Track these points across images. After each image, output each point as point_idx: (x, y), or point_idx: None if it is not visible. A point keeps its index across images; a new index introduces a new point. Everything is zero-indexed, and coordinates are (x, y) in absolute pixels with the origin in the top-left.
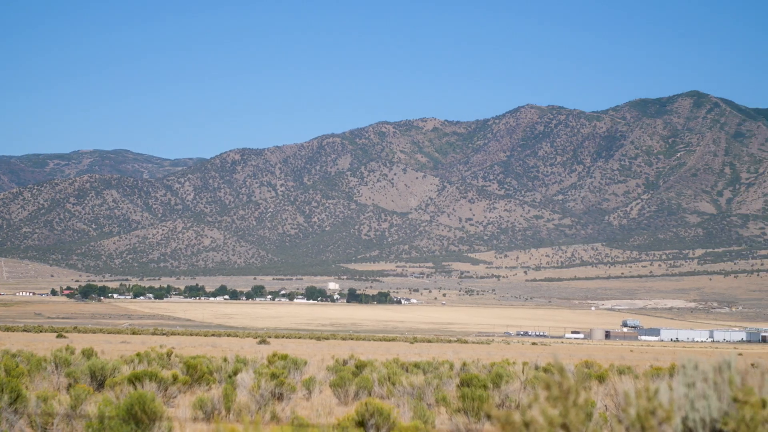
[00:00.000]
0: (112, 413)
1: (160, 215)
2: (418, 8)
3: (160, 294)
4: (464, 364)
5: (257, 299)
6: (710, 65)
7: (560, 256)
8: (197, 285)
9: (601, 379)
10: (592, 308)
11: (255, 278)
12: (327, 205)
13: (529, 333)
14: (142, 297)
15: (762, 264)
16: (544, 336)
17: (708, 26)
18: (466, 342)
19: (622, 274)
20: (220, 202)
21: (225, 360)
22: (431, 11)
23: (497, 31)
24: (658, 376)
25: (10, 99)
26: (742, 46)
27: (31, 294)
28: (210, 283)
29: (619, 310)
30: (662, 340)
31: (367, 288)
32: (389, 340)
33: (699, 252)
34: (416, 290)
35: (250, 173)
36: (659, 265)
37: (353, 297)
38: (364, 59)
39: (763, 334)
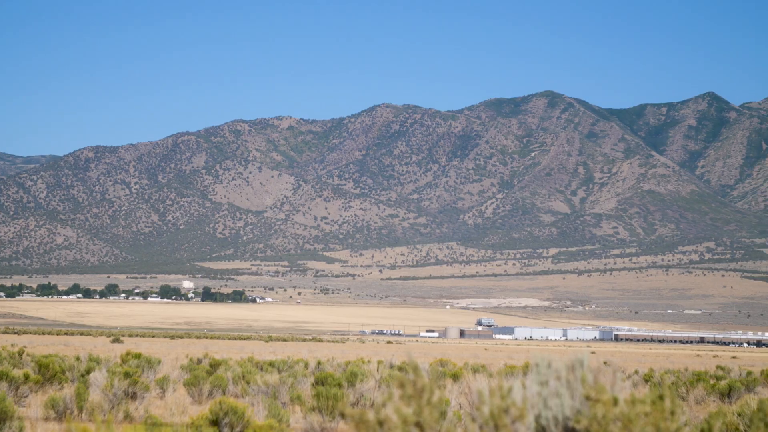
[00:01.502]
0: None
1: (12, 213)
2: (275, 7)
3: (12, 292)
4: (319, 363)
5: (111, 298)
6: (564, 66)
7: (415, 255)
8: (50, 283)
9: (455, 377)
10: (447, 307)
11: (109, 277)
12: (182, 203)
13: (384, 332)
14: None
15: (615, 263)
16: (399, 335)
17: (562, 26)
18: (321, 341)
19: (477, 273)
20: (74, 200)
21: (78, 359)
22: (287, 9)
23: (353, 30)
24: (512, 375)
25: None
26: (595, 46)
27: None
28: (63, 282)
29: (474, 308)
30: (516, 339)
31: (222, 287)
32: (244, 339)
33: (553, 251)
34: (271, 289)
35: (104, 171)
36: (514, 264)
37: (208, 296)
38: (220, 57)
39: (616, 332)
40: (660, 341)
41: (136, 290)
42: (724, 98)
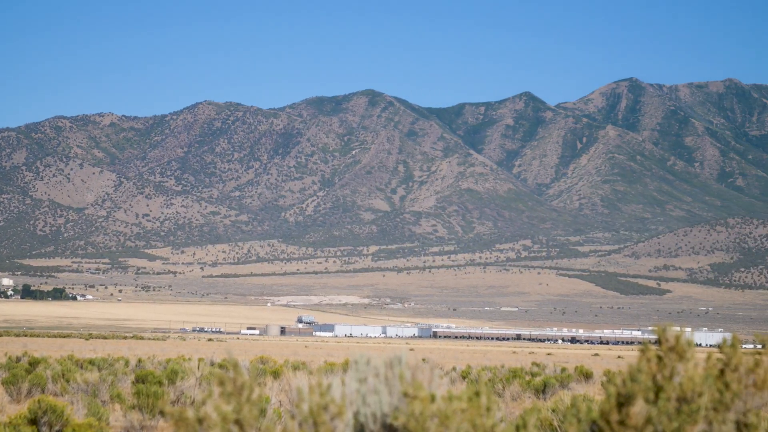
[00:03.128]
0: None
1: None
2: (96, 3)
3: None
4: (140, 361)
5: None
6: (385, 65)
7: (237, 253)
8: None
9: (276, 374)
10: (269, 304)
11: None
12: (1, 200)
13: (206, 329)
14: None
15: (434, 261)
16: (220, 332)
17: (382, 25)
18: (142, 338)
19: (298, 270)
20: None
21: None
22: (105, 4)
23: (172, 27)
24: (331, 372)
25: None
26: (415, 45)
27: None
28: None
29: (294, 306)
30: (337, 336)
31: (42, 284)
32: (64, 337)
33: (373, 249)
34: (92, 286)
35: None
36: (334, 262)
37: (28, 293)
38: (39, 52)
39: (434, 329)
40: (477, 338)
41: None
42: (540, 98)
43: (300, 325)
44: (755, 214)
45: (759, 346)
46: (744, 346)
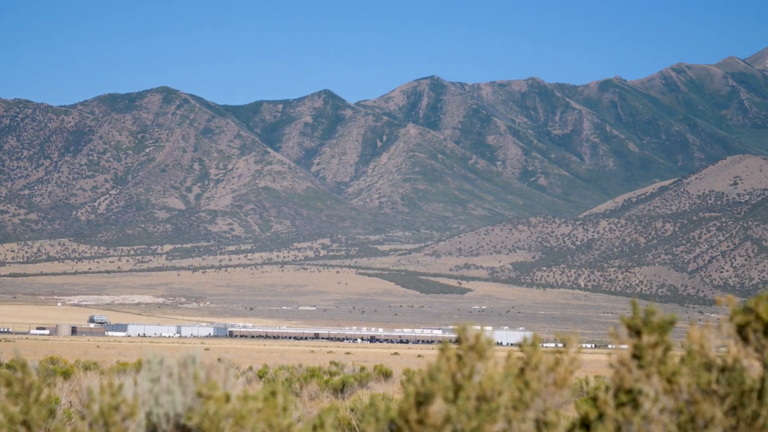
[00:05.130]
0: None
1: None
2: None
3: None
4: None
5: None
6: (179, 62)
7: (26, 252)
8: None
9: (66, 375)
10: (59, 304)
11: None
12: None
13: None
14: None
15: (230, 260)
16: (9, 332)
17: (172, 22)
18: None
19: (90, 269)
20: None
21: None
22: None
23: None
24: (124, 372)
25: None
26: (210, 42)
27: None
28: None
29: (86, 305)
30: (130, 336)
31: None
32: None
33: (168, 247)
34: None
35: None
36: (127, 261)
37: None
38: None
39: (231, 328)
40: (275, 337)
41: None
42: (340, 96)
43: (92, 325)
44: (557, 213)
45: (560, 345)
46: (545, 344)
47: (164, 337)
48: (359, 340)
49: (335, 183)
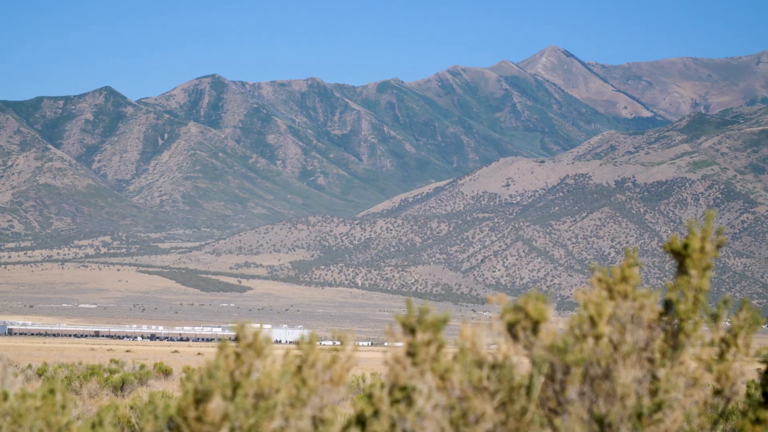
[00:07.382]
0: None
1: None
2: None
3: None
4: None
5: None
6: None
7: None
8: None
9: None
10: None
11: None
12: None
13: None
14: None
15: (9, 257)
16: None
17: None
18: None
19: None
20: None
21: None
22: None
23: None
24: None
25: None
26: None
27: None
28: None
29: None
30: None
31: None
32: None
33: None
34: None
35: None
36: None
37: None
38: None
39: (10, 326)
40: (55, 335)
41: None
42: (121, 93)
43: None
44: (336, 213)
45: (337, 343)
46: (323, 342)
47: None
48: (140, 338)
49: (116, 180)
